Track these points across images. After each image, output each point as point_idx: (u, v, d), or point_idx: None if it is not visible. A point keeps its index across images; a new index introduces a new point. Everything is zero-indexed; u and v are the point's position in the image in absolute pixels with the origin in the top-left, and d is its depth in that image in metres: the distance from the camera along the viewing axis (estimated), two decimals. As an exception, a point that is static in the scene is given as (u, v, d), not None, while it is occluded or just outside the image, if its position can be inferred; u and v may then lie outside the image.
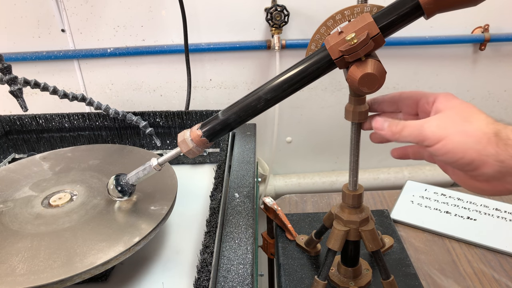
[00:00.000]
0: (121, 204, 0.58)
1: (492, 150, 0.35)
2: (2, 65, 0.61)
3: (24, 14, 0.97)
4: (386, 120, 0.44)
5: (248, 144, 0.80)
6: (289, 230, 0.72)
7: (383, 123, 0.44)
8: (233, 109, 0.47)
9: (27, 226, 0.54)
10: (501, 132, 0.35)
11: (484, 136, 0.36)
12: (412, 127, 0.40)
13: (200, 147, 0.49)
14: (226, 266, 0.50)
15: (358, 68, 0.41)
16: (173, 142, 0.85)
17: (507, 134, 0.35)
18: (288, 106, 1.12)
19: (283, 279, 0.65)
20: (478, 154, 0.36)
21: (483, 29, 1.03)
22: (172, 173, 0.65)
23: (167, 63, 1.05)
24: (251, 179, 0.68)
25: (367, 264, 0.65)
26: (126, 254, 0.49)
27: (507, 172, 0.35)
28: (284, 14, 0.95)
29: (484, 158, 0.36)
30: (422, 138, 0.39)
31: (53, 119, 0.82)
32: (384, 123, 0.44)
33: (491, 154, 0.35)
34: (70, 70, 1.05)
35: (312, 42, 0.46)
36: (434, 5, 0.38)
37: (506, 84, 1.11)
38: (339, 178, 1.19)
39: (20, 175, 0.67)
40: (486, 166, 0.36)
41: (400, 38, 1.02)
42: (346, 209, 0.56)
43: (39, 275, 0.45)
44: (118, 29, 1.00)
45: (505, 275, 0.66)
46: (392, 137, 0.43)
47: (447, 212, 0.80)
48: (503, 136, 0.35)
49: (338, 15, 0.44)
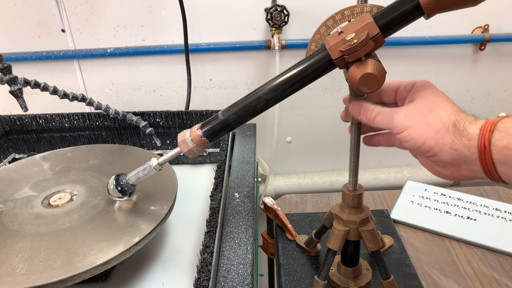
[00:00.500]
0: (121, 204, 0.58)
1: (449, 139, 0.38)
2: (2, 65, 0.61)
3: (24, 14, 0.97)
4: (362, 105, 0.46)
5: (248, 144, 0.80)
6: (289, 230, 0.72)
7: (359, 108, 0.46)
8: (233, 109, 0.47)
9: (27, 226, 0.54)
10: (459, 122, 0.38)
11: (443, 126, 0.39)
12: (384, 115, 0.43)
13: (200, 147, 0.49)
14: (226, 266, 0.50)
15: (358, 68, 0.41)
16: (173, 142, 0.85)
17: (464, 125, 0.38)
18: (288, 106, 1.12)
19: (283, 279, 0.65)
20: (436, 142, 0.39)
21: (483, 29, 1.03)
22: (172, 173, 0.65)
23: (167, 63, 1.05)
24: (251, 179, 0.68)
25: (367, 264, 0.65)
26: (126, 254, 0.49)
27: (461, 160, 0.38)
28: (284, 14, 0.95)
29: (441, 146, 0.39)
30: (391, 126, 0.42)
31: (53, 119, 0.82)
32: (361, 108, 0.46)
33: (447, 143, 0.38)
34: (70, 70, 1.05)
35: (312, 42, 0.46)
36: (434, 5, 0.38)
37: (506, 84, 1.11)
38: (339, 178, 1.19)
39: (20, 175, 0.67)
40: (443, 153, 0.39)
41: (400, 38, 1.02)
42: (346, 209, 0.56)
43: (39, 275, 0.45)
44: (118, 29, 1.00)
45: (505, 275, 0.66)
46: (367, 122, 0.46)
47: (447, 212, 0.80)
48: (460, 126, 0.38)
49: (338, 15, 0.44)
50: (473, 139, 0.37)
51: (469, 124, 0.38)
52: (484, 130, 0.36)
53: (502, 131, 0.35)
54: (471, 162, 0.37)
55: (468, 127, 0.38)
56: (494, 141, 0.35)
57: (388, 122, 0.43)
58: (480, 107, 1.14)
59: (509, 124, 0.36)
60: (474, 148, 0.37)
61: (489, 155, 0.36)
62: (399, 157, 1.22)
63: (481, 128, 0.37)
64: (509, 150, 0.35)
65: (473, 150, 0.37)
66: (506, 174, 0.36)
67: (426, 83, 0.44)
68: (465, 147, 0.37)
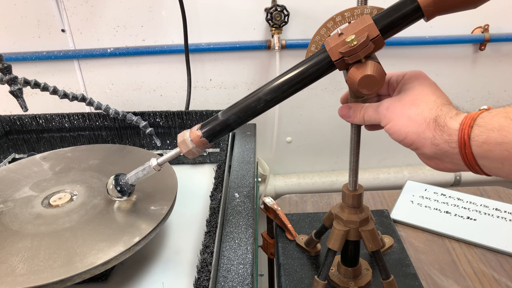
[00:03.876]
0: (121, 204, 0.58)
1: (430, 134, 0.39)
2: (2, 65, 0.61)
3: (24, 14, 0.97)
4: (349, 106, 0.47)
5: (248, 144, 0.80)
6: (289, 230, 0.72)
7: (348, 111, 0.47)
8: (233, 110, 0.48)
9: (27, 226, 0.54)
10: (440, 117, 0.39)
11: (423, 121, 0.39)
12: (370, 111, 0.44)
13: (200, 147, 0.50)
14: (226, 266, 0.50)
15: (358, 70, 0.41)
16: (173, 142, 0.85)
17: (445, 120, 0.38)
18: (288, 106, 1.12)
19: (283, 279, 0.65)
20: (418, 136, 0.40)
21: (483, 29, 1.03)
22: (172, 173, 0.65)
23: (167, 63, 1.05)
24: (251, 179, 0.68)
25: (367, 264, 0.65)
26: (126, 254, 0.49)
27: (443, 154, 0.39)
28: (284, 14, 0.95)
29: (422, 141, 0.39)
30: (378, 119, 0.44)
31: (53, 119, 0.82)
32: (349, 111, 0.47)
33: (428, 137, 0.39)
34: (70, 70, 1.05)
35: (312, 43, 0.46)
36: (434, 7, 0.38)
37: (506, 84, 1.11)
38: (339, 178, 1.19)
39: (20, 175, 0.67)
40: (425, 148, 0.40)
41: (400, 38, 1.02)
42: (346, 209, 0.56)
43: (39, 275, 0.45)
44: (118, 29, 1.00)
45: (505, 275, 0.66)
46: (359, 123, 0.47)
47: (447, 212, 0.80)
48: (440, 122, 0.38)
49: (338, 16, 0.44)
50: (453, 134, 0.37)
51: (449, 120, 0.38)
52: (464, 125, 0.36)
53: (481, 125, 0.36)
54: (452, 156, 0.38)
55: (448, 122, 0.38)
56: (474, 136, 0.36)
57: (375, 116, 0.44)
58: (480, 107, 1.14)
59: (488, 118, 0.36)
60: (454, 143, 0.37)
61: (469, 150, 0.36)
62: (399, 157, 1.22)
63: (461, 124, 0.37)
64: (488, 145, 0.35)
65: (454, 145, 0.37)
66: (487, 167, 0.37)
67: (416, 74, 0.44)
68: (445, 143, 0.38)
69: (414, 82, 0.43)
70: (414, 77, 0.44)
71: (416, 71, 0.45)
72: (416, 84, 0.43)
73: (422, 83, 0.42)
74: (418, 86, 0.42)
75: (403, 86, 0.44)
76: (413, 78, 0.44)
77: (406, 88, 0.43)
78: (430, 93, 0.41)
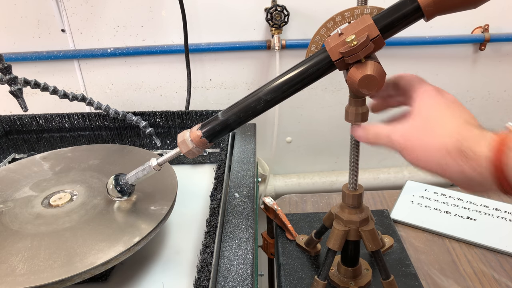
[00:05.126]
0: (121, 204, 0.58)
1: (453, 163, 0.36)
2: (2, 65, 0.61)
3: (24, 14, 0.97)
4: (363, 128, 0.45)
5: (248, 144, 0.80)
6: (289, 230, 0.72)
7: (360, 133, 0.46)
8: (233, 110, 0.48)
9: (27, 226, 0.54)
10: (463, 144, 0.35)
11: (444, 150, 0.36)
12: (383, 136, 0.42)
13: (200, 147, 0.50)
14: (226, 266, 0.50)
15: (358, 70, 0.41)
16: (173, 142, 0.85)
17: (470, 145, 0.35)
18: (288, 106, 1.12)
19: (283, 279, 0.65)
20: (439, 166, 0.37)
21: (483, 29, 1.03)
22: (172, 173, 0.65)
23: (167, 63, 1.05)
24: (251, 179, 0.68)
25: (367, 264, 0.65)
26: (126, 254, 0.49)
27: (470, 180, 0.36)
28: (284, 14, 0.95)
29: (445, 168, 0.36)
30: (391, 146, 0.41)
31: (53, 119, 0.82)
32: (362, 132, 0.45)
33: (452, 165, 0.36)
34: (70, 70, 1.05)
35: (312, 43, 0.46)
36: (434, 7, 0.38)
37: (506, 84, 1.11)
38: (339, 178, 1.19)
39: (20, 175, 0.67)
40: (448, 175, 0.37)
41: (400, 38, 1.02)
42: (346, 209, 0.56)
43: (39, 275, 0.45)
44: (118, 29, 1.00)
45: (505, 275, 0.66)
46: (373, 145, 0.44)
47: (447, 212, 0.80)
48: (465, 148, 0.35)
49: (338, 16, 0.44)
50: (482, 161, 0.34)
51: (475, 145, 0.34)
52: (495, 151, 0.33)
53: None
54: (481, 181, 0.35)
55: (474, 148, 0.34)
56: (508, 162, 0.33)
57: (388, 142, 0.42)
58: (480, 107, 1.14)
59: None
60: (484, 169, 0.34)
61: (504, 175, 0.33)
62: (399, 157, 1.20)
63: (491, 150, 0.33)
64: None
65: (483, 171, 0.34)
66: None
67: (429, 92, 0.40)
68: (474, 171, 0.35)
69: (428, 102, 0.39)
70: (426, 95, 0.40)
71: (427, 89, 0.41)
72: (430, 105, 0.39)
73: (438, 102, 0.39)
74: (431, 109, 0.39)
75: (415, 108, 0.40)
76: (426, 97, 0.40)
77: (418, 110, 0.40)
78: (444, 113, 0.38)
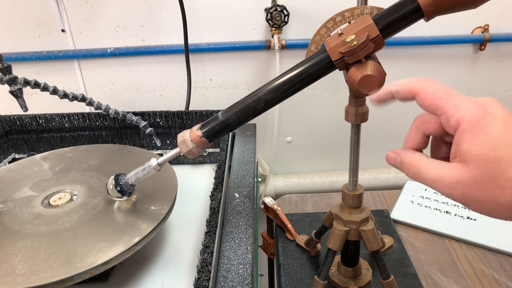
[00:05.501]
0: (121, 204, 0.58)
1: None
2: (2, 65, 0.61)
3: (24, 14, 0.97)
4: (398, 155, 0.37)
5: (248, 144, 0.80)
6: (289, 230, 0.73)
7: (395, 161, 0.37)
8: (233, 110, 0.48)
9: (27, 226, 0.54)
10: None
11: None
12: (431, 178, 0.33)
13: (200, 147, 0.50)
14: (226, 266, 0.50)
15: (358, 70, 0.41)
16: (173, 142, 0.85)
17: None
18: (288, 106, 1.12)
19: (283, 279, 0.65)
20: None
21: (483, 29, 1.03)
22: (172, 173, 0.65)
23: (167, 63, 1.05)
24: (251, 179, 0.68)
25: (367, 264, 0.65)
26: (126, 254, 0.49)
27: None
28: (284, 14, 0.95)
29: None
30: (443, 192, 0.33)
31: (53, 119, 0.82)
32: (396, 160, 0.37)
33: None
34: (70, 70, 1.05)
35: (312, 43, 0.46)
36: (434, 7, 0.38)
37: (506, 84, 1.11)
38: (339, 178, 1.19)
39: (20, 175, 0.67)
40: None
41: (400, 38, 1.02)
42: (346, 209, 0.56)
43: (39, 275, 0.45)
44: (118, 29, 1.00)
45: (505, 275, 0.66)
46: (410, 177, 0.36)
47: (447, 212, 0.80)
48: None
49: (338, 16, 0.44)
50: None
51: None
52: None
53: None
54: None
55: None
56: None
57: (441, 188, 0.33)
58: None
59: None
60: None
61: None
62: (399, 157, 1.21)
63: None
64: None
65: None
66: None
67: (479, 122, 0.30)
68: None
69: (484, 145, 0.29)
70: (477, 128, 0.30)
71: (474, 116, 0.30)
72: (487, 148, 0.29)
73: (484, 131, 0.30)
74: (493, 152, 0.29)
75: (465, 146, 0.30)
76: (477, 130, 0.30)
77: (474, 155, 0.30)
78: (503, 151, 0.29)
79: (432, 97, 0.33)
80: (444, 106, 0.32)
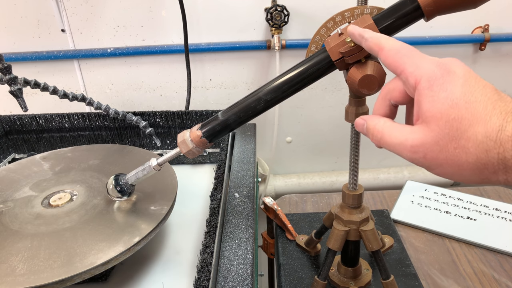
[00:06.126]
0: (121, 204, 0.58)
1: (494, 178, 0.28)
2: (2, 65, 0.61)
3: (24, 14, 0.97)
4: (364, 121, 0.37)
5: (248, 144, 0.80)
6: (289, 230, 0.72)
7: (362, 127, 0.37)
8: (233, 110, 0.48)
9: (27, 226, 0.54)
10: (505, 152, 0.26)
11: (483, 167, 0.27)
12: (393, 142, 0.33)
13: (200, 147, 0.50)
14: (226, 266, 0.50)
15: (358, 69, 0.41)
16: (173, 142, 0.85)
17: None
18: (288, 106, 1.12)
19: (283, 279, 0.65)
20: (480, 179, 0.29)
21: (483, 29, 1.03)
22: (172, 173, 0.65)
23: (167, 63, 1.05)
24: (251, 179, 0.68)
25: (367, 264, 0.65)
26: (126, 254, 0.49)
27: None
28: (284, 14, 0.95)
29: (487, 182, 0.29)
30: (406, 157, 0.32)
31: (53, 119, 0.82)
32: (363, 126, 0.37)
33: (494, 180, 0.28)
34: (70, 70, 1.05)
35: (312, 43, 0.46)
36: (434, 7, 0.38)
37: (506, 84, 1.11)
38: (339, 178, 1.19)
39: (20, 175, 0.67)
40: (492, 183, 0.29)
41: (400, 38, 1.02)
42: (346, 209, 0.56)
43: (39, 275, 0.45)
44: (118, 29, 1.00)
45: (505, 275, 0.66)
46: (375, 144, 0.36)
47: (447, 212, 0.80)
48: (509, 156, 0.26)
49: (338, 16, 0.44)
50: None
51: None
52: None
53: None
54: None
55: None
56: None
57: (401, 150, 0.32)
58: None
59: None
60: None
61: None
62: (399, 157, 1.21)
63: None
64: None
65: None
66: None
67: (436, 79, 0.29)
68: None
69: (443, 99, 0.29)
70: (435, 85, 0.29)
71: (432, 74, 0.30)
72: (448, 105, 0.28)
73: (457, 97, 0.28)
74: (453, 109, 0.28)
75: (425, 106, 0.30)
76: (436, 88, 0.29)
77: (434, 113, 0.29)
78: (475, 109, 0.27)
79: (394, 54, 0.33)
80: (404, 63, 0.32)
